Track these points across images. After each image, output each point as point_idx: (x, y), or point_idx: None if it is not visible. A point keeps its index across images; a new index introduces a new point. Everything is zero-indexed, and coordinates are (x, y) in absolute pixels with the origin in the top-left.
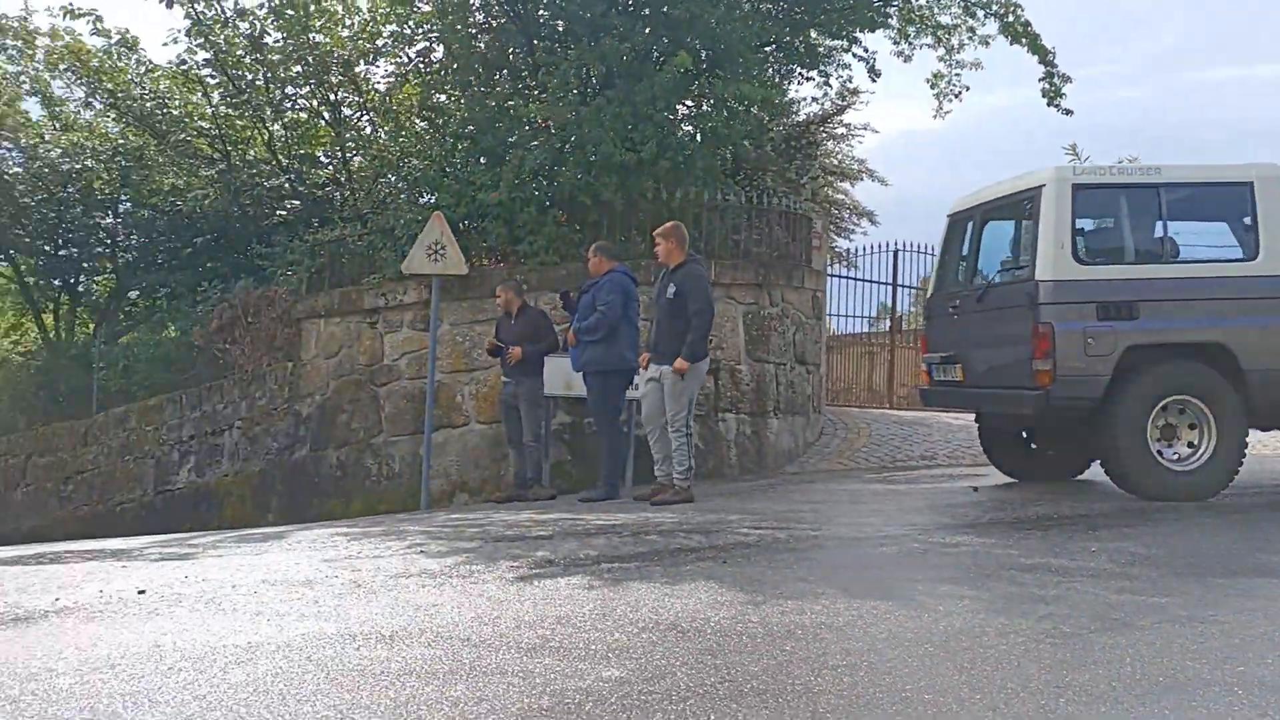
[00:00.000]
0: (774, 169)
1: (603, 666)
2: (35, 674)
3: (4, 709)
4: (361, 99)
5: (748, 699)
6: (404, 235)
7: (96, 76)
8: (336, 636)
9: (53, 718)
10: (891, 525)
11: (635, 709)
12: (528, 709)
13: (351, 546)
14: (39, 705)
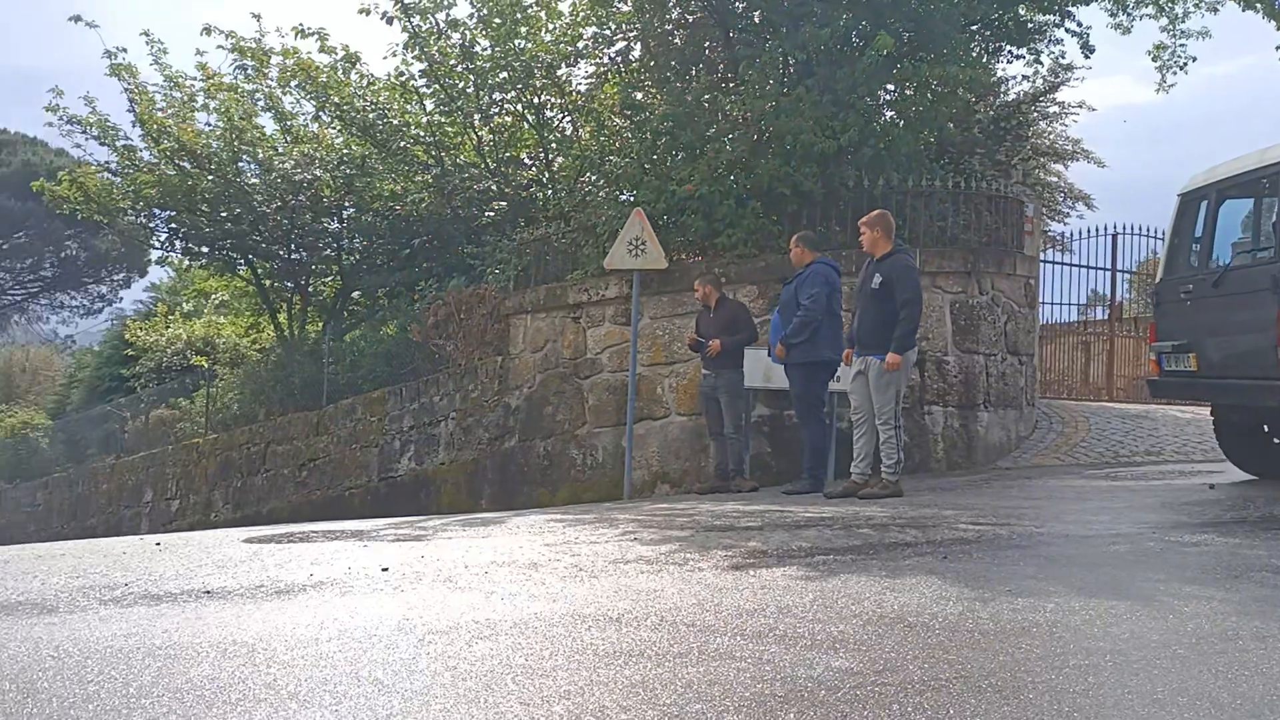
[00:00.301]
0: (981, 152)
1: (831, 656)
2: (303, 641)
3: (279, 671)
4: (563, 100)
5: (987, 695)
6: (605, 232)
7: (324, 91)
8: (567, 616)
9: (323, 681)
10: (1122, 523)
11: (870, 700)
12: (761, 694)
13: (568, 532)
14: (309, 670)
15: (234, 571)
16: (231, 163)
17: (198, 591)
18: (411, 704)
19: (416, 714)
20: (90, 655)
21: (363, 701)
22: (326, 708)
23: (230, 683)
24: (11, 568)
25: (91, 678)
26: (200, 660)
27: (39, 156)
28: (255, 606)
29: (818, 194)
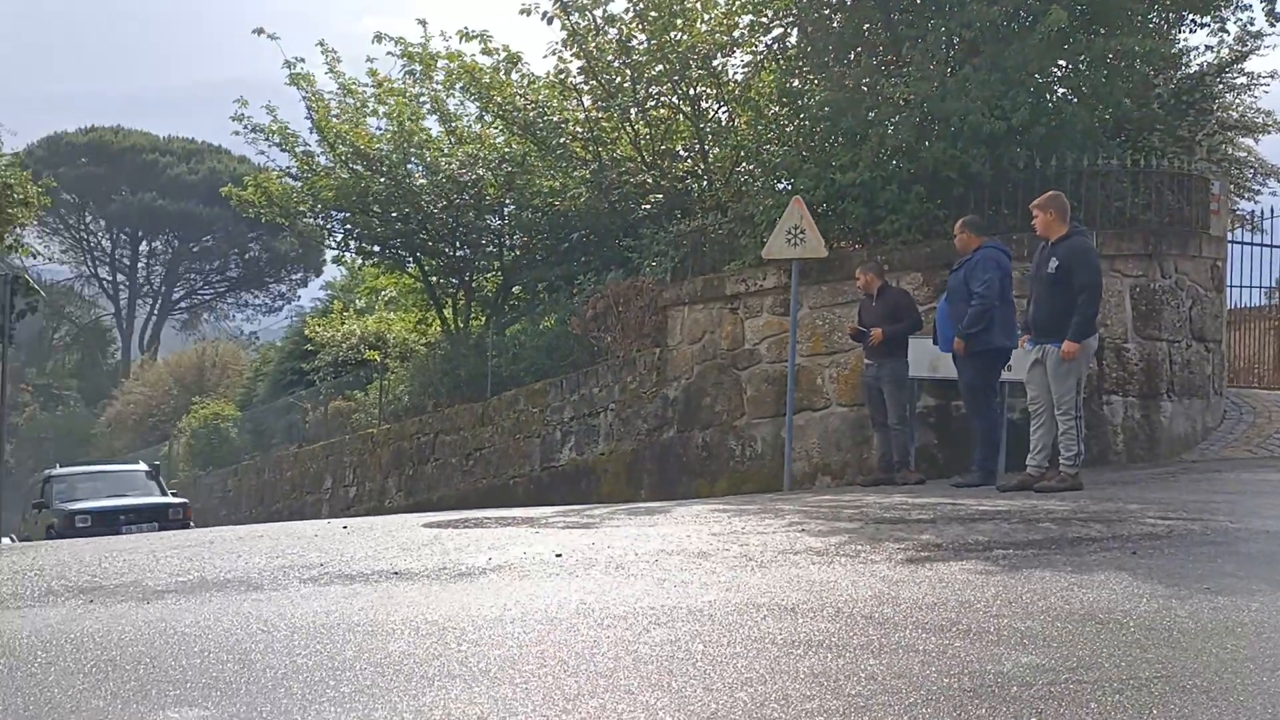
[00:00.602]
0: (1161, 128)
1: (1019, 652)
2: (489, 621)
3: (469, 650)
4: (719, 91)
5: (1193, 695)
6: (763, 221)
7: (487, 92)
8: (741, 605)
9: (511, 660)
10: None
11: (1065, 696)
12: (948, 688)
13: (734, 522)
14: (496, 650)
15: (418, 554)
16: (401, 164)
17: (387, 572)
18: (596, 685)
19: (601, 695)
20: (296, 630)
21: (550, 681)
22: (516, 685)
23: (425, 659)
24: (216, 548)
25: (299, 650)
26: (395, 637)
27: (224, 164)
28: (441, 588)
29: (986, 177)
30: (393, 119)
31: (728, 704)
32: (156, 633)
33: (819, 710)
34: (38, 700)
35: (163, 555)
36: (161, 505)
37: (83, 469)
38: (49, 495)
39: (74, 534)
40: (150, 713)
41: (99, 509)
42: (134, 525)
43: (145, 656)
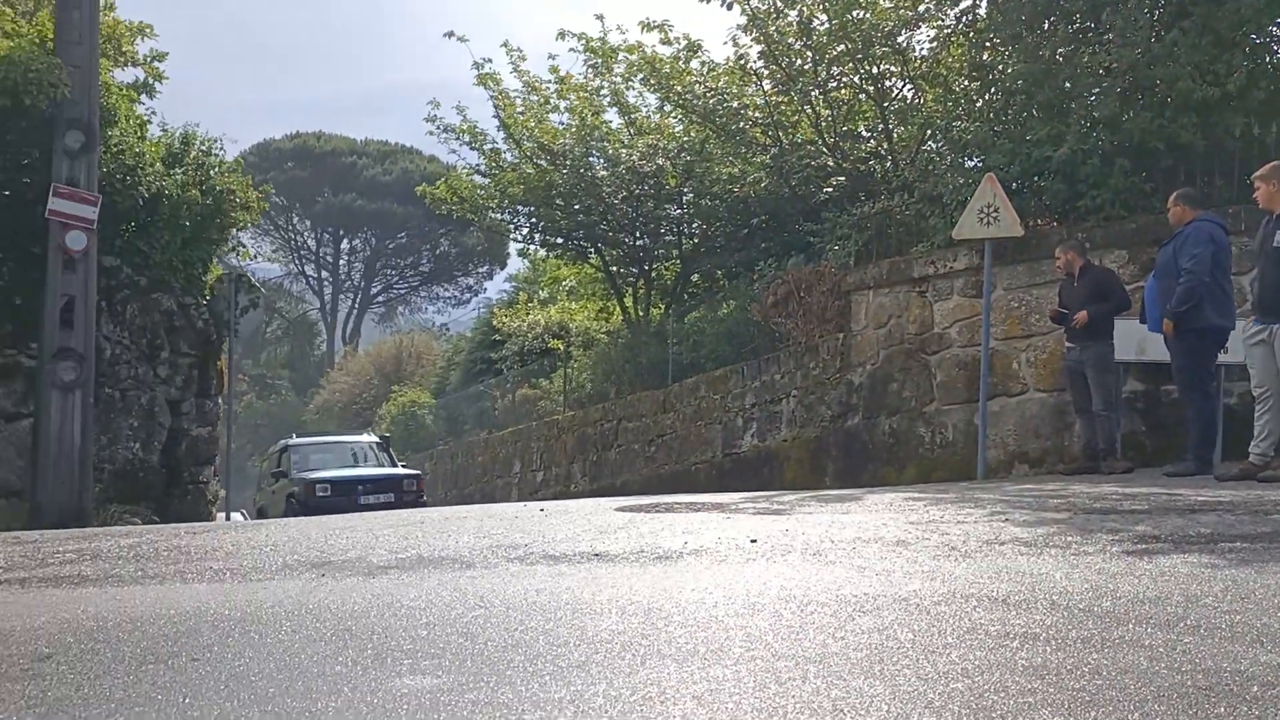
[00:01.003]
0: None
1: (1258, 650)
2: (692, 604)
3: (677, 631)
4: (904, 68)
5: None
6: (953, 201)
7: (666, 81)
8: (947, 595)
9: (718, 643)
10: None
11: None
12: (1179, 685)
13: (931, 511)
14: (703, 632)
15: (615, 537)
16: (583, 158)
17: (588, 554)
18: (807, 670)
19: (813, 680)
20: (510, 606)
21: (759, 664)
22: (727, 666)
23: (634, 638)
24: (427, 528)
25: (515, 626)
26: (603, 616)
27: (415, 164)
28: (641, 570)
29: (1198, 147)
30: (575, 113)
31: (944, 694)
32: (384, 605)
33: (1042, 703)
34: (287, 665)
35: (380, 534)
36: (397, 476)
37: (318, 439)
38: (287, 464)
39: (315, 503)
40: (388, 679)
41: (339, 479)
42: (371, 495)
43: (376, 627)
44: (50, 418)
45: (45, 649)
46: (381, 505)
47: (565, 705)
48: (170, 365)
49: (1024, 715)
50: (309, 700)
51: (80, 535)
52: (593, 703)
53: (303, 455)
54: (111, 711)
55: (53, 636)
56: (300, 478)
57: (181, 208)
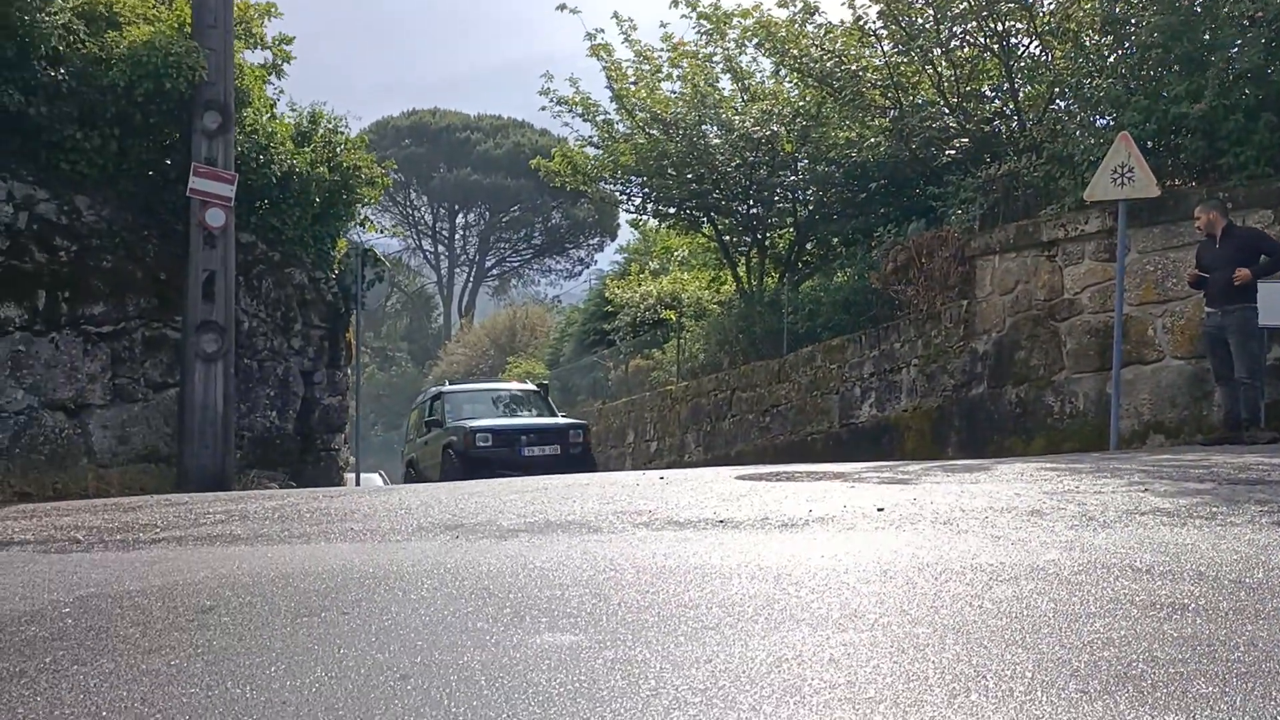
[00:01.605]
0: None
1: None
2: (821, 570)
3: (808, 596)
4: (1031, 24)
5: None
6: (1084, 161)
7: (782, 45)
8: (1087, 565)
9: (851, 608)
10: None
11: None
12: None
13: (1065, 481)
14: (834, 598)
15: (738, 505)
16: (696, 126)
17: (711, 521)
18: (945, 637)
19: (952, 647)
20: (640, 570)
21: (895, 630)
22: (861, 632)
23: (765, 603)
24: (551, 494)
25: (645, 588)
26: (731, 581)
27: (526, 138)
28: (766, 536)
29: None
30: (687, 81)
31: (1090, 663)
32: (518, 566)
33: (1196, 674)
34: (431, 620)
35: (507, 499)
36: (563, 427)
37: (473, 386)
38: (440, 413)
39: (475, 454)
40: (528, 636)
41: (502, 428)
42: (535, 447)
43: (512, 587)
44: (194, 387)
45: (207, 602)
46: (546, 460)
47: (701, 664)
48: (303, 337)
49: (1176, 685)
50: (455, 653)
51: (227, 498)
52: (728, 663)
53: (456, 404)
54: (273, 660)
55: (212, 590)
56: (459, 426)
57: (311, 185)
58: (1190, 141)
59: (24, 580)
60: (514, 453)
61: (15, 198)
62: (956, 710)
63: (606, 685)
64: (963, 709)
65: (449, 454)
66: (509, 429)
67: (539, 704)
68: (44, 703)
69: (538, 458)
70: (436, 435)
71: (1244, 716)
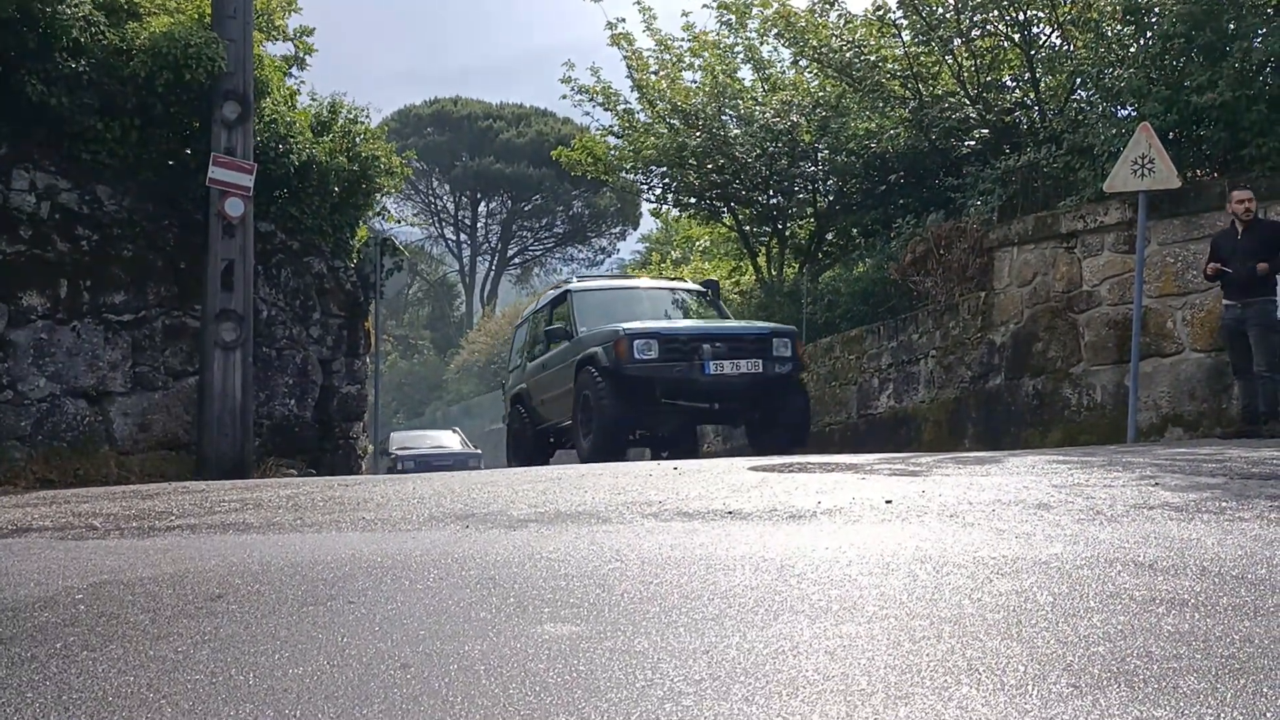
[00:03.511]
0: None
1: None
2: (824, 563)
3: (809, 588)
4: (1052, 13)
5: None
6: (1104, 153)
7: (802, 35)
8: (1090, 560)
9: (851, 600)
10: None
11: None
12: None
13: (1076, 474)
14: (835, 590)
15: (748, 496)
16: (716, 117)
17: (720, 512)
18: (942, 630)
19: (948, 639)
20: (645, 561)
21: (893, 622)
22: (860, 624)
23: (767, 594)
24: (563, 484)
25: (649, 579)
26: (735, 572)
27: (549, 127)
28: (774, 528)
29: None
30: (707, 71)
31: (1083, 657)
32: (525, 556)
33: (1188, 669)
34: (434, 609)
35: (520, 488)
36: (765, 332)
37: (612, 282)
38: (569, 320)
39: (634, 369)
40: (529, 626)
41: (674, 332)
42: (726, 361)
43: (518, 577)
44: (213, 375)
45: (216, 590)
46: (742, 382)
47: (699, 655)
48: (321, 326)
49: (1168, 680)
50: (457, 643)
51: (242, 486)
52: (726, 654)
53: (591, 306)
54: (278, 648)
55: (222, 578)
56: (605, 331)
57: (330, 174)
58: (1212, 132)
59: (40, 567)
60: (694, 368)
61: (38, 187)
62: (946, 702)
63: (604, 675)
64: (952, 701)
65: (589, 375)
66: (686, 334)
67: (535, 693)
68: (53, 687)
69: (729, 379)
70: (563, 351)
71: (1232, 712)
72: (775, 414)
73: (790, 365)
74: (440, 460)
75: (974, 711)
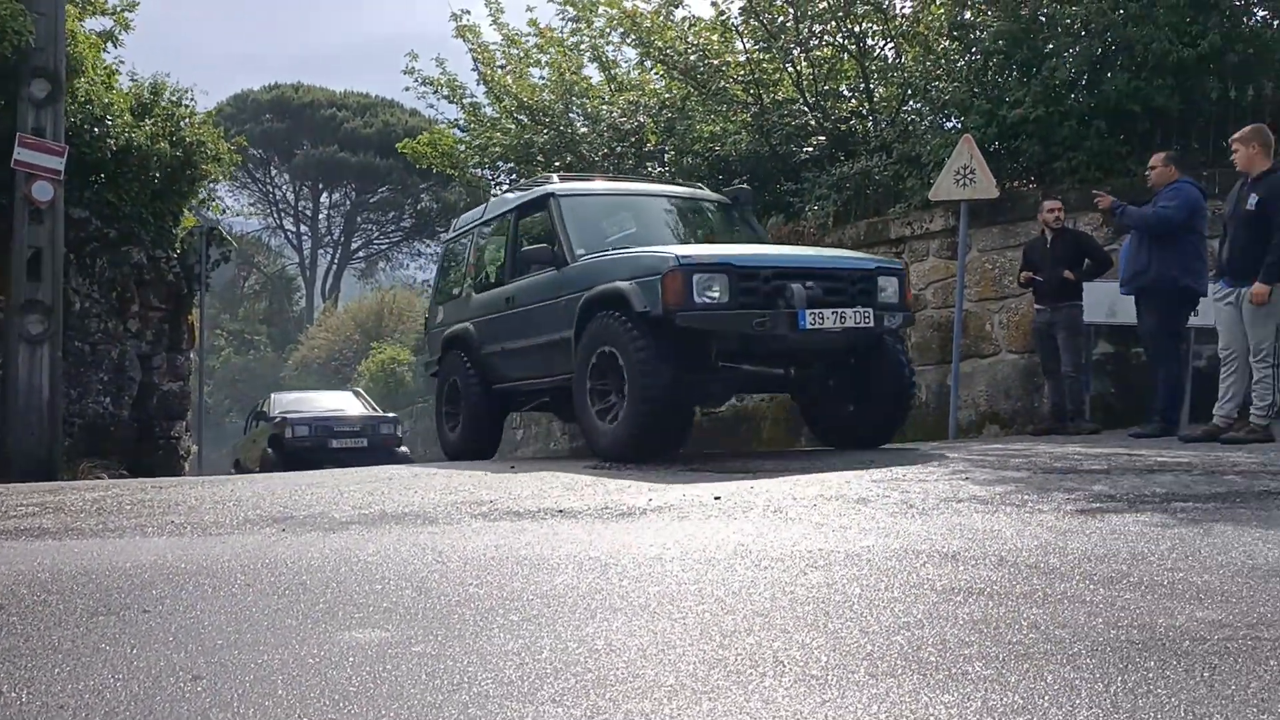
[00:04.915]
0: None
1: (1194, 607)
2: (648, 560)
3: (630, 585)
4: (886, 26)
5: None
6: (930, 162)
7: (647, 36)
8: (900, 551)
9: (669, 597)
10: None
11: (1243, 653)
12: (1113, 640)
13: (896, 469)
14: (655, 586)
15: (581, 494)
16: (563, 115)
17: (552, 510)
18: (752, 623)
19: (757, 633)
20: (467, 561)
21: (706, 618)
22: (674, 620)
23: (588, 593)
24: (394, 484)
25: (470, 580)
26: (559, 571)
27: (397, 118)
28: (603, 526)
29: (1173, 109)
30: (554, 68)
31: (883, 646)
32: (341, 560)
33: (977, 656)
34: (237, 617)
35: (347, 490)
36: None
37: (607, 188)
38: (555, 225)
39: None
40: (337, 633)
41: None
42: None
43: (332, 582)
44: (18, 371)
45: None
46: (848, 341)
47: (511, 657)
48: (140, 319)
49: (957, 667)
50: (256, 652)
51: (46, 488)
52: (539, 655)
53: (586, 219)
54: (59, 662)
55: (6, 588)
56: (644, 258)
57: (151, 159)
58: (1028, 145)
59: None
60: (782, 321)
61: None
62: (749, 696)
63: (409, 681)
64: (756, 694)
65: (613, 324)
66: (766, 264)
67: (334, 702)
68: None
69: (830, 336)
70: (547, 283)
71: (1014, 695)
72: (868, 381)
73: (901, 317)
74: (344, 428)
75: (775, 704)
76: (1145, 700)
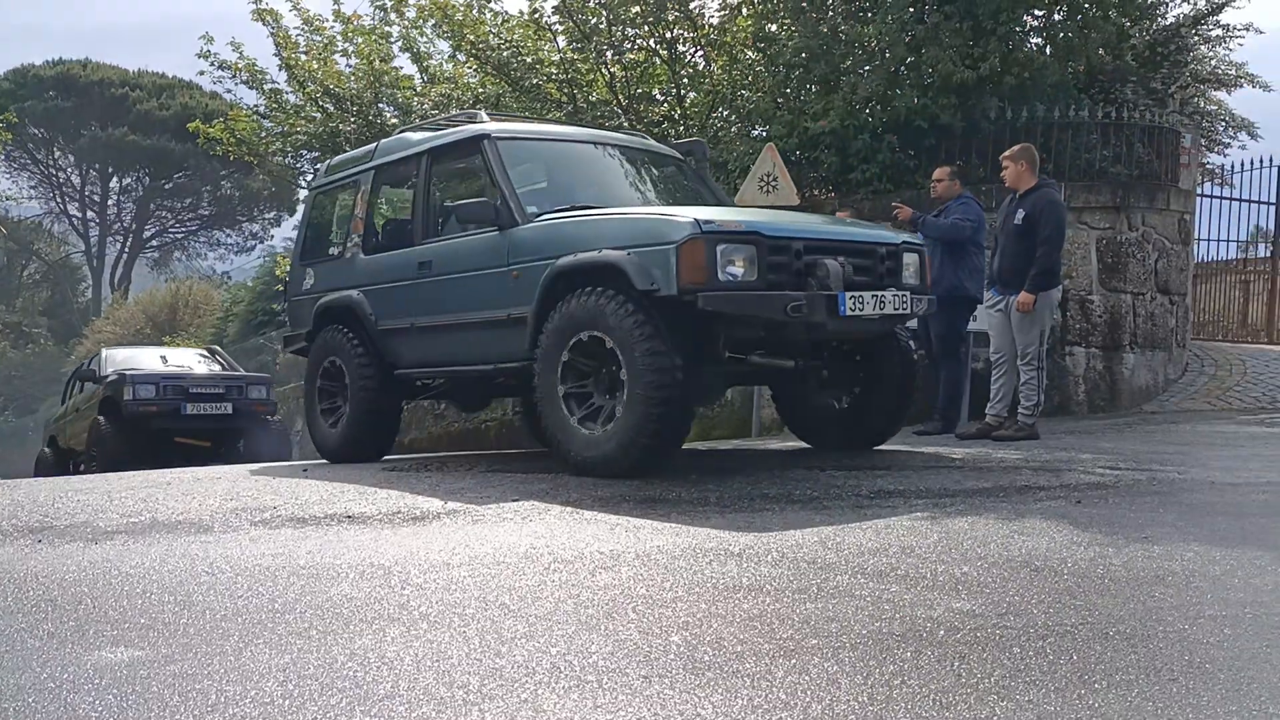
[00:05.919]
0: (1134, 80)
1: (952, 598)
2: (435, 566)
3: (412, 593)
4: (695, 34)
5: (1114, 641)
6: (736, 169)
7: (459, 30)
8: (688, 550)
9: (453, 604)
10: (1273, 471)
11: (990, 642)
12: (878, 632)
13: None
14: (440, 594)
15: (374, 498)
16: (372, 105)
17: (340, 516)
18: (535, 628)
19: (540, 638)
20: (240, 573)
21: (489, 624)
22: (455, 629)
23: (367, 602)
24: (172, 490)
25: (241, 593)
26: (339, 580)
27: (196, 100)
28: (392, 531)
29: (957, 127)
30: (362, 57)
31: (662, 646)
32: (101, 573)
33: (749, 653)
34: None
35: (117, 496)
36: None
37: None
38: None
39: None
40: (85, 653)
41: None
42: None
43: (87, 597)
44: None
45: None
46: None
47: (275, 673)
48: None
49: (730, 665)
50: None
51: None
52: (305, 670)
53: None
54: None
55: None
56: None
57: None
58: (827, 156)
59: None
60: (819, 306)
61: None
62: (522, 704)
63: (158, 704)
64: (528, 703)
65: (604, 302)
66: (799, 236)
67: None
68: None
69: (868, 323)
70: (485, 245)
71: (780, 692)
72: (875, 372)
73: (927, 302)
74: (203, 388)
75: (545, 712)
76: (900, 691)
